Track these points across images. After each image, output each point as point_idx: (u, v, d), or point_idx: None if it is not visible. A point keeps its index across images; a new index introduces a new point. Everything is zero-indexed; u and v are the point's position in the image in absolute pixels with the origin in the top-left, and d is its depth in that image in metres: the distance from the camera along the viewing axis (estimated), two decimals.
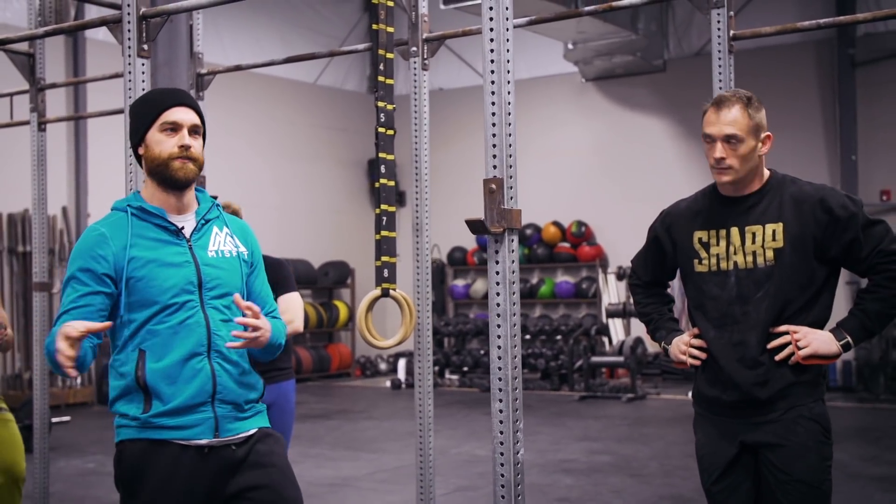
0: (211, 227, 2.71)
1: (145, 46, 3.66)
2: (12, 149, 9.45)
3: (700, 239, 2.98)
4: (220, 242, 2.69)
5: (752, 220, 2.90)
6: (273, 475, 2.65)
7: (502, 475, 2.41)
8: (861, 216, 2.84)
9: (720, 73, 3.77)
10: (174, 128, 2.62)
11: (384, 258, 4.28)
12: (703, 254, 2.96)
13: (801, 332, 2.84)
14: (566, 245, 14.29)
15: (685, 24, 13.64)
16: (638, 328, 13.12)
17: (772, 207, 2.89)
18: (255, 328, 2.56)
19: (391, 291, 4.25)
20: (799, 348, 2.83)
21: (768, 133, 2.93)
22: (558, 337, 13.19)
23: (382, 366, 14.85)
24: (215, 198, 2.80)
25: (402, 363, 13.52)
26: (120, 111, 4.62)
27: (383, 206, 4.30)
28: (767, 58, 12.07)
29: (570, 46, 13.27)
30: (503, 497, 2.41)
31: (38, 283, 5.34)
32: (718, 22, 3.76)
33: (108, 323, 2.50)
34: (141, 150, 2.67)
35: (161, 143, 2.61)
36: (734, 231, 2.92)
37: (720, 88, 3.73)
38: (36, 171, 5.26)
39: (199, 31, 5.14)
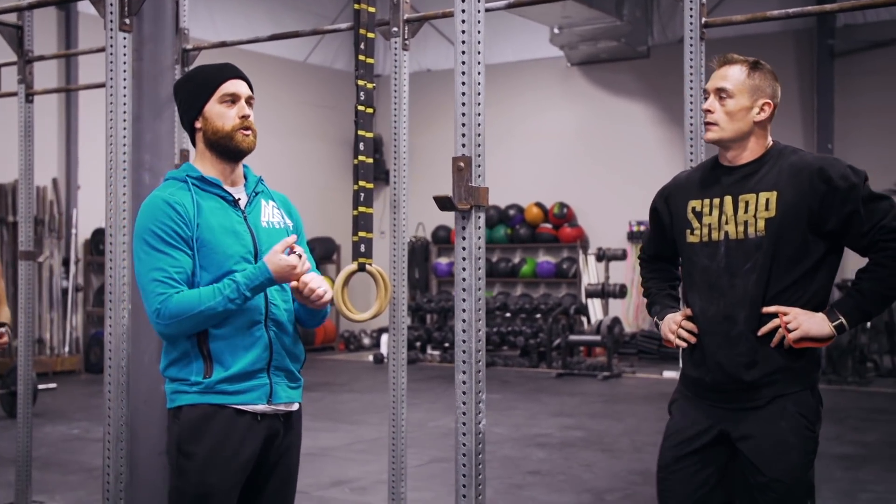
0: (260, 199, 2.78)
1: (127, 21, 3.73)
2: (2, 120, 9.51)
3: (693, 208, 2.83)
4: (270, 214, 2.78)
5: (746, 189, 2.74)
6: (294, 459, 2.79)
7: (464, 444, 2.50)
8: (863, 188, 2.65)
9: (692, 61, 3.86)
10: (234, 99, 2.69)
11: (361, 233, 4.39)
12: (696, 224, 2.82)
13: (791, 314, 2.65)
14: (548, 226, 14.45)
15: (669, 12, 13.75)
16: (615, 308, 13.31)
17: (769, 176, 2.73)
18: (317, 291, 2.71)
19: (367, 266, 4.38)
20: (789, 331, 2.64)
21: (769, 101, 2.78)
22: (538, 315, 13.37)
23: (366, 340, 15.01)
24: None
25: (384, 338, 13.69)
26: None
27: (361, 183, 4.41)
28: (747, 47, 12.08)
29: (555, 31, 13.37)
30: (464, 465, 2.50)
31: (24, 251, 5.44)
32: (691, 9, 3.85)
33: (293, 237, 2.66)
34: (198, 124, 2.71)
35: (223, 116, 2.67)
36: (727, 200, 2.76)
37: (691, 76, 3.84)
38: (23, 142, 5.35)
39: (184, 6, 5.21)
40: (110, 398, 3.51)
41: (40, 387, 8.22)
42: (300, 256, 2.61)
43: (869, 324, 11.30)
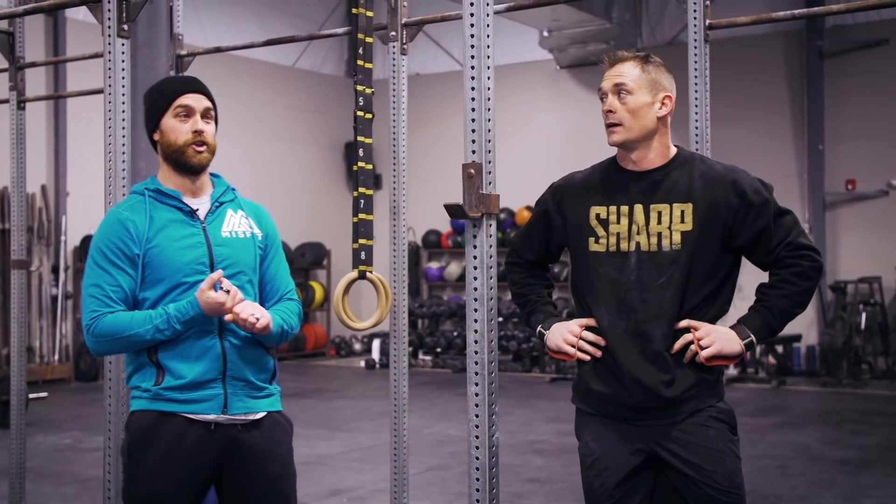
0: (225, 209, 2.77)
1: (125, 27, 3.67)
2: None
3: (598, 215, 2.68)
4: (235, 224, 2.75)
5: (657, 198, 2.63)
6: (271, 466, 2.70)
7: (477, 458, 2.42)
8: (773, 203, 2.62)
9: (696, 62, 3.80)
10: (187, 113, 2.70)
11: (361, 240, 4.33)
12: (601, 231, 2.67)
13: (703, 330, 2.58)
14: None
15: (658, 14, 13.76)
16: None
17: (679, 185, 2.62)
18: (246, 316, 2.59)
19: (368, 274, 4.32)
20: (702, 347, 2.57)
21: (669, 94, 2.68)
22: None
23: (357, 346, 14.94)
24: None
25: (376, 343, 13.63)
26: (100, 91, 4.64)
27: (361, 189, 4.36)
28: (737, 47, 12.22)
29: (545, 34, 13.36)
30: (478, 479, 2.42)
31: (17, 260, 5.36)
32: (695, 11, 3.81)
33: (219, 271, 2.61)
34: (156, 136, 2.76)
35: (175, 130, 2.70)
36: (638, 209, 2.63)
37: (695, 77, 3.79)
38: (15, 149, 5.27)
39: (179, 11, 5.15)
40: (110, 411, 3.44)
41: (31, 396, 8.13)
42: (228, 292, 2.58)
43: (863, 325, 11.32)
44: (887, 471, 6.54)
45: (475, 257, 2.48)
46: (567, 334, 2.72)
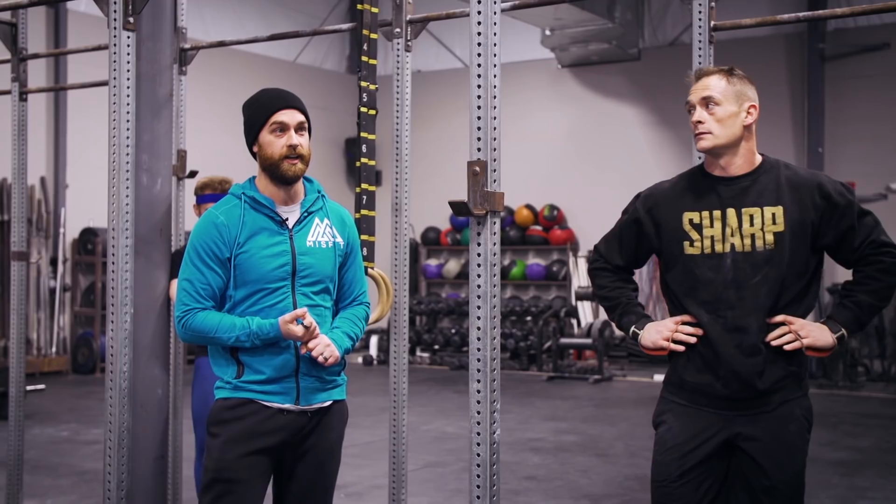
0: (313, 218, 2.98)
1: (131, 19, 3.68)
2: None
3: (691, 220, 2.84)
4: (319, 233, 2.96)
5: (748, 203, 2.79)
6: (322, 447, 2.97)
7: (478, 454, 2.44)
8: (856, 205, 2.80)
9: (699, 63, 3.80)
10: (282, 128, 2.92)
11: (363, 237, 4.34)
12: (696, 235, 2.83)
13: (798, 324, 2.76)
14: (538, 228, 14.43)
15: (660, 14, 13.77)
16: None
17: (768, 190, 2.80)
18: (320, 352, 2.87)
19: (369, 270, 4.32)
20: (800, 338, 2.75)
21: (753, 104, 2.84)
22: (528, 318, 13.35)
23: None
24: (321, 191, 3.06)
25: (374, 340, 13.63)
26: (103, 83, 4.63)
27: (364, 186, 4.36)
28: (739, 49, 12.21)
29: (547, 33, 13.38)
30: (479, 476, 2.44)
31: (17, 252, 5.36)
32: (700, 12, 3.80)
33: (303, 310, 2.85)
34: (255, 149, 2.98)
35: (272, 144, 2.92)
36: (730, 212, 2.80)
37: None
38: (17, 140, 5.27)
39: (183, 5, 5.15)
40: (112, 403, 3.44)
41: (28, 388, 8.12)
42: (307, 327, 2.82)
43: None
44: (883, 472, 6.56)
45: (479, 255, 2.48)
46: (664, 331, 2.87)
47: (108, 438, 3.45)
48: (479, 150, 2.49)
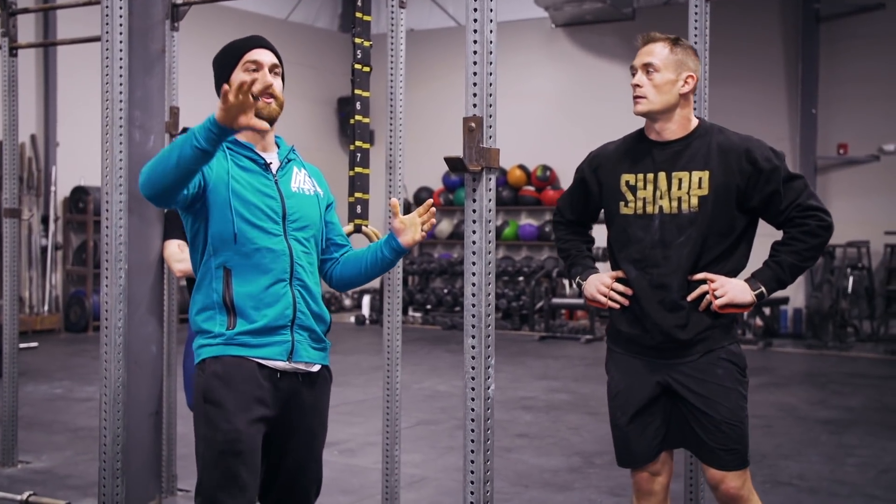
0: (292, 166, 2.88)
1: None
2: None
3: (627, 182, 3.02)
4: (301, 181, 2.86)
5: (679, 167, 2.95)
6: (313, 417, 2.83)
7: (473, 409, 2.46)
8: (783, 169, 2.92)
9: (696, 21, 3.78)
10: (256, 67, 2.78)
11: (357, 194, 4.33)
12: (630, 196, 3.01)
13: (718, 282, 2.90)
14: (531, 188, 14.42)
15: None
16: None
17: (699, 155, 2.94)
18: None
19: (363, 228, 4.32)
20: (716, 297, 2.89)
21: (692, 74, 2.97)
22: (520, 278, 13.38)
23: (347, 301, 14.97)
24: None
25: (366, 299, 13.67)
26: (92, 39, 4.60)
27: (358, 143, 4.34)
28: (733, 8, 12.14)
29: None
30: (472, 430, 2.46)
31: (8, 209, 5.35)
32: None
33: None
34: None
35: None
36: (661, 176, 2.96)
37: (695, 37, 3.77)
38: (7, 97, 5.23)
39: None
40: (107, 359, 3.45)
41: (21, 346, 8.13)
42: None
43: (850, 289, 11.41)
44: (871, 431, 6.63)
45: (474, 211, 2.48)
46: (600, 286, 3.06)
47: (104, 394, 3.47)
48: (474, 105, 2.48)
